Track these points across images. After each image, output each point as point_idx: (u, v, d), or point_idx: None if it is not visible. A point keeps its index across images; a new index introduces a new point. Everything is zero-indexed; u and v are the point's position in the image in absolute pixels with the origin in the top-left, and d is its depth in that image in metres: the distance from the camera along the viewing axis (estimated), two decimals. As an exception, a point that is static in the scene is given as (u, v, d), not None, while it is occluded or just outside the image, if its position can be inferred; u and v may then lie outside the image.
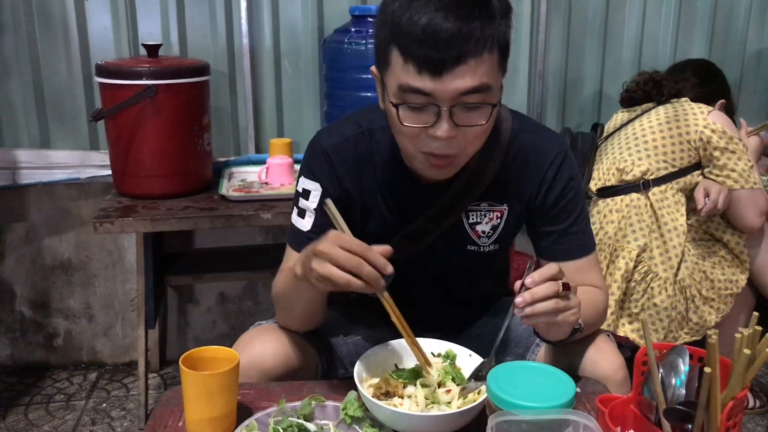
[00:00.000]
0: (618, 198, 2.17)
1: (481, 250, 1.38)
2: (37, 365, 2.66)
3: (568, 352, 1.29)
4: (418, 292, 1.41)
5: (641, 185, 2.14)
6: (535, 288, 1.06)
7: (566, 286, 1.09)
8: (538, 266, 1.12)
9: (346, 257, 1.05)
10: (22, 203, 2.51)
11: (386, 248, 1.09)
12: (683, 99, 2.24)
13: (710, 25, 2.74)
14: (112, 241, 2.59)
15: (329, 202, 1.17)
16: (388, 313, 1.14)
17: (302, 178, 1.34)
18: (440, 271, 1.42)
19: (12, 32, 2.37)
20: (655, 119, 2.20)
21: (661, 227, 2.11)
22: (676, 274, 2.08)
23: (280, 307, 1.34)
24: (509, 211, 1.35)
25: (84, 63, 2.41)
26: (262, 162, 2.36)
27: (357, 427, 1.10)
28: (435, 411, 1.09)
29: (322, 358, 1.38)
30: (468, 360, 1.20)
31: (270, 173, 2.30)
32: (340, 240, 1.07)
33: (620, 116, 2.38)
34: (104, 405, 2.45)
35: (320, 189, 1.31)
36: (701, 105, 2.19)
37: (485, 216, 1.35)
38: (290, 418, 1.09)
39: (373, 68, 1.21)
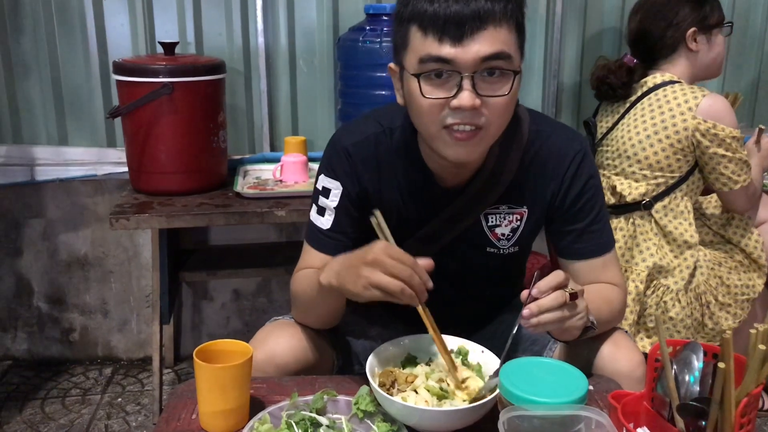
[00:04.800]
0: (622, 217, 2.10)
1: (501, 252, 1.37)
2: (53, 360, 2.69)
3: (586, 348, 1.29)
4: (435, 291, 1.41)
5: (642, 206, 2.07)
6: (542, 300, 1.06)
7: (573, 296, 1.08)
8: (543, 274, 1.11)
9: (399, 267, 1.07)
10: (39, 199, 2.54)
11: (429, 262, 1.11)
12: (668, 87, 2.05)
13: (728, 25, 2.71)
14: (127, 238, 2.61)
15: (377, 213, 1.17)
16: (423, 323, 1.16)
17: (322, 176, 1.33)
18: (458, 271, 1.41)
19: (31, 31, 2.39)
20: (641, 127, 2.05)
21: (670, 243, 2.06)
22: (689, 283, 2.04)
23: (299, 307, 1.34)
24: (529, 214, 1.34)
25: (101, 61, 2.43)
26: (277, 160, 2.36)
27: (369, 422, 1.10)
28: (447, 406, 1.09)
29: (338, 354, 1.38)
30: (480, 356, 1.20)
31: (284, 171, 2.30)
32: (390, 250, 1.08)
33: (607, 111, 2.23)
34: (119, 399, 2.47)
35: (341, 188, 1.30)
36: (688, 93, 2.00)
37: (505, 219, 1.34)
38: (302, 412, 1.09)
39: (391, 65, 1.21)
